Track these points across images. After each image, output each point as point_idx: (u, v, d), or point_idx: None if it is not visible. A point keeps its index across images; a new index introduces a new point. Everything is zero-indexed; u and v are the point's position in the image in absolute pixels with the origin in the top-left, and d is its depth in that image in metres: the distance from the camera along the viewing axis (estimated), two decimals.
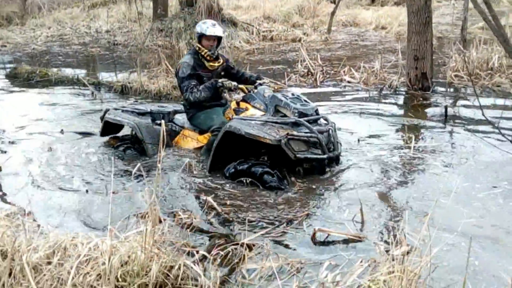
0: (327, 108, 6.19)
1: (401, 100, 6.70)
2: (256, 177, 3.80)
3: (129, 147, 4.72)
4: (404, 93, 6.92)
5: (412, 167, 4.20)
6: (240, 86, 4.48)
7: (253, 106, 4.34)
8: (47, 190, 3.91)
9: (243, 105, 4.43)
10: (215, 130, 4.21)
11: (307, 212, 3.32)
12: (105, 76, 8.71)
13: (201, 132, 4.52)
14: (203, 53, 4.46)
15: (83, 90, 7.73)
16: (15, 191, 3.91)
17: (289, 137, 3.77)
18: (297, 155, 3.78)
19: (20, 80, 8.50)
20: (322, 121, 4.19)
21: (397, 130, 5.30)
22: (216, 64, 4.55)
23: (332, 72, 8.24)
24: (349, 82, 7.62)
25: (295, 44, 11.53)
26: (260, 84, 4.55)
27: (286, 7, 14.90)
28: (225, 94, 4.65)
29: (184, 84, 4.37)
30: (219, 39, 4.55)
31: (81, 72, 8.94)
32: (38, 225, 3.00)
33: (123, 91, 7.59)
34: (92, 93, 7.48)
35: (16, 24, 15.15)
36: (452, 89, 7.03)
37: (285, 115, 4.11)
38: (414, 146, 4.57)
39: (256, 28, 12.58)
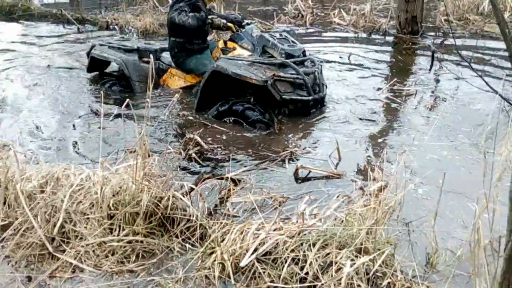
0: (314, 50, 6.19)
1: (389, 44, 6.71)
2: (239, 114, 3.89)
3: (115, 83, 4.72)
4: (393, 36, 6.92)
5: (389, 109, 4.35)
6: (229, 24, 4.45)
7: (241, 46, 4.35)
8: (36, 125, 3.95)
9: (230, 44, 4.43)
10: None
11: (291, 151, 3.44)
12: (89, 12, 8.47)
13: (188, 72, 4.52)
14: None
15: (67, 25, 7.56)
16: (5, 125, 3.96)
17: (275, 78, 3.80)
18: (283, 96, 3.83)
19: (2, 13, 8.22)
20: (308, 62, 4.20)
21: (381, 73, 5.36)
22: (213, 3, 4.53)
23: (323, 14, 8.14)
24: (338, 24, 7.56)
25: None
26: (248, 24, 4.53)
27: None
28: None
29: (179, 5, 4.23)
30: None
31: (64, 7, 8.65)
32: (29, 156, 3.08)
33: (108, 28, 7.44)
34: (78, 28, 7.34)
35: None
36: (441, 34, 7.03)
37: (272, 56, 4.13)
38: (394, 89, 4.73)
39: None
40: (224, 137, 3.71)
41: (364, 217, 2.38)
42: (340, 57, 5.92)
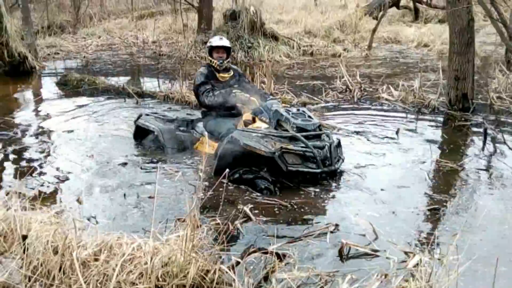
0: (362, 125, 6.27)
1: (439, 120, 6.65)
2: (257, 189, 4.07)
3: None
4: (443, 113, 6.88)
5: (434, 185, 4.35)
6: (253, 98, 4.78)
7: (260, 119, 4.62)
8: (88, 193, 4.15)
9: (250, 117, 4.73)
10: (223, 136, 4.54)
11: (334, 224, 3.47)
12: (149, 86, 9.04)
13: (216, 139, 4.80)
14: (213, 64, 4.89)
15: (128, 98, 8.07)
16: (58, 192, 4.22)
17: (283, 150, 4.02)
18: (289, 168, 4.03)
19: (69, 87, 8.87)
20: (325, 136, 4.39)
21: (429, 149, 5.26)
22: (227, 75, 4.99)
23: (371, 89, 8.27)
24: (386, 100, 7.62)
25: (335, 59, 11.59)
26: (271, 99, 4.85)
27: (327, 22, 15.03)
28: (238, 105, 4.90)
29: (200, 89, 4.82)
30: (227, 50, 4.91)
31: (127, 81, 9.31)
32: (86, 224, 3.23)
33: (165, 101, 7.89)
34: (137, 101, 7.81)
35: (69, 32, 15.88)
36: (493, 111, 6.90)
37: (286, 129, 4.34)
38: (441, 165, 4.78)
39: (296, 42, 12.76)
40: (271, 209, 3.78)
41: None
42: (390, 133, 5.93)
